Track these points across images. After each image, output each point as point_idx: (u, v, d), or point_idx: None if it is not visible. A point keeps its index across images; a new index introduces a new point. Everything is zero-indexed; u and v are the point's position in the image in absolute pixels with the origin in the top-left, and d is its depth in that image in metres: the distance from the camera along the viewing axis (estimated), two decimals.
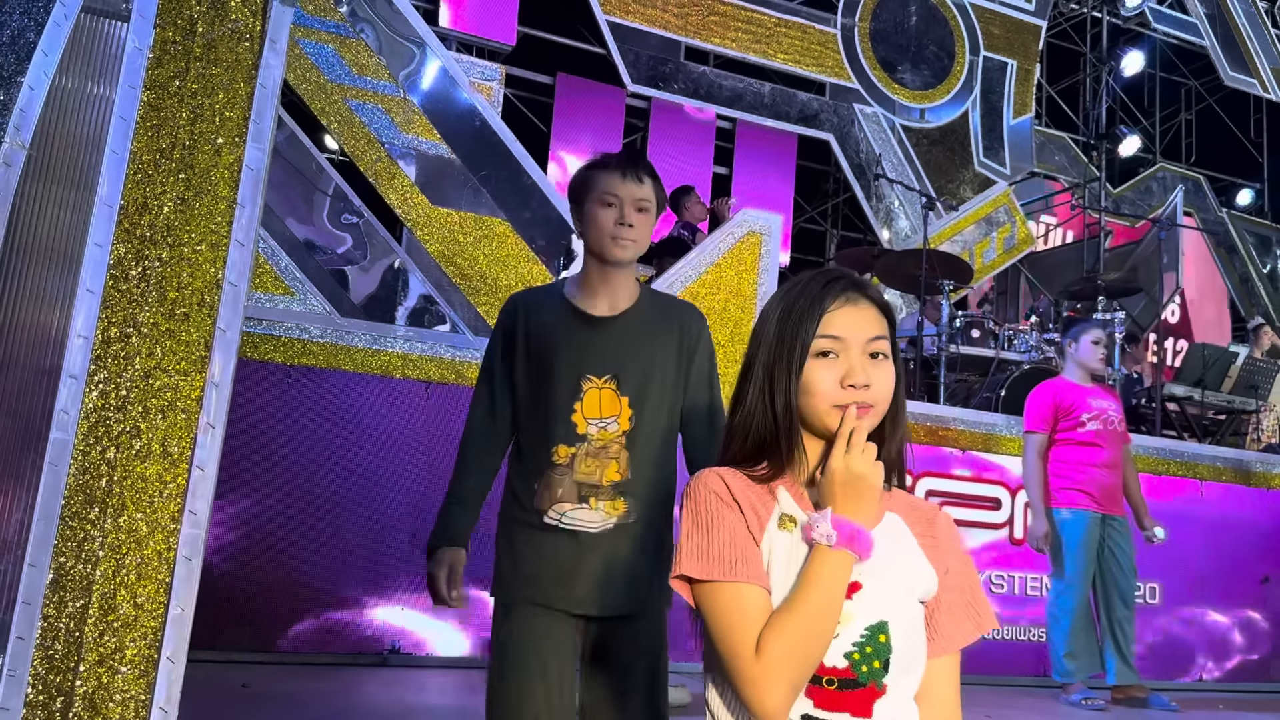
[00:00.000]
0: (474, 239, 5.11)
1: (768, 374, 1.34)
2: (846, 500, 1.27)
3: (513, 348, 2.21)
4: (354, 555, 4.26)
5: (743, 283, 5.24)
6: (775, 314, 1.36)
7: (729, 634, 1.23)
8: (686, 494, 1.34)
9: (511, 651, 2.06)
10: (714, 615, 1.26)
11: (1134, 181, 12.52)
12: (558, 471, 2.12)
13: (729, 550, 1.26)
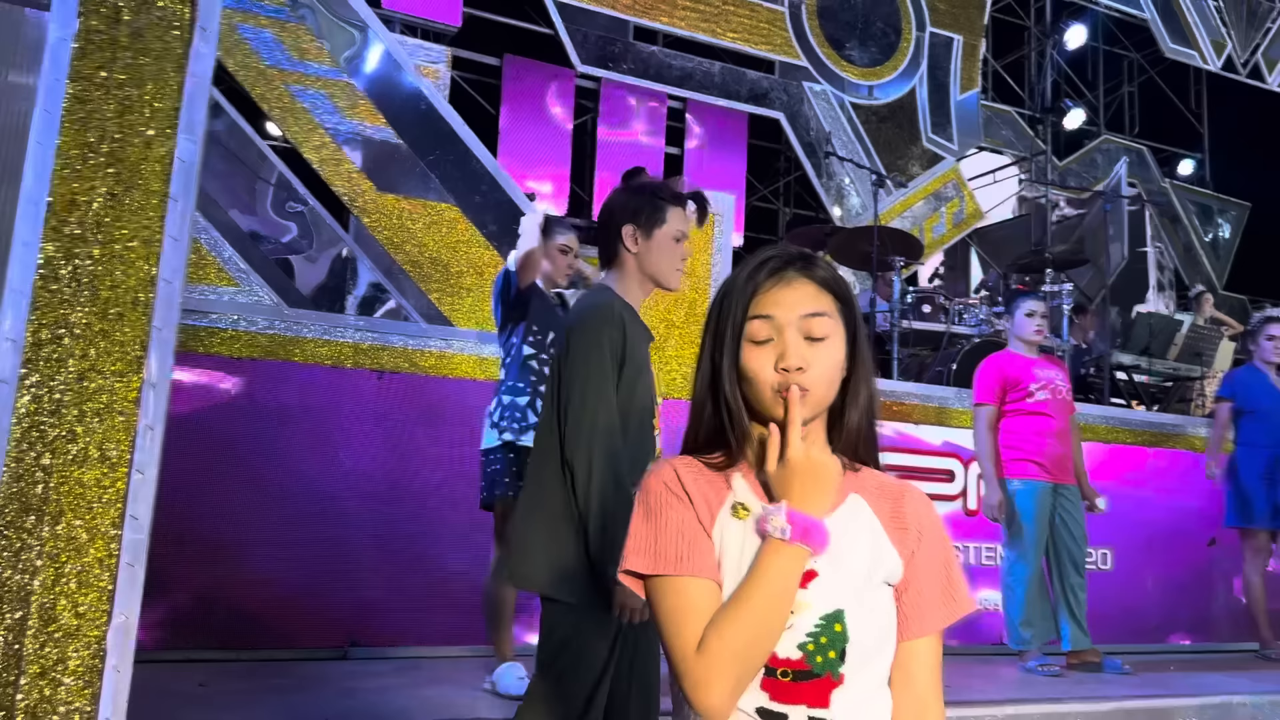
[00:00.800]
0: (423, 225, 5.03)
1: (710, 362, 1.32)
2: (801, 491, 1.23)
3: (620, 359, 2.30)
4: (310, 548, 4.20)
5: (696, 264, 5.22)
6: (715, 301, 1.34)
7: (672, 630, 1.21)
8: (640, 485, 1.31)
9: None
10: (660, 610, 1.24)
11: (1079, 154, 12.67)
12: None
13: (675, 544, 1.24)
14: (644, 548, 1.25)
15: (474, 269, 5.09)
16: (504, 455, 3.62)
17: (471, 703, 3.51)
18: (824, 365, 1.28)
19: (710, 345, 1.32)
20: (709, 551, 1.25)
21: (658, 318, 5.12)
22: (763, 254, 1.33)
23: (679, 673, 1.19)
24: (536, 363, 3.71)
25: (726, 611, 1.19)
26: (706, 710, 1.17)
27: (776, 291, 1.29)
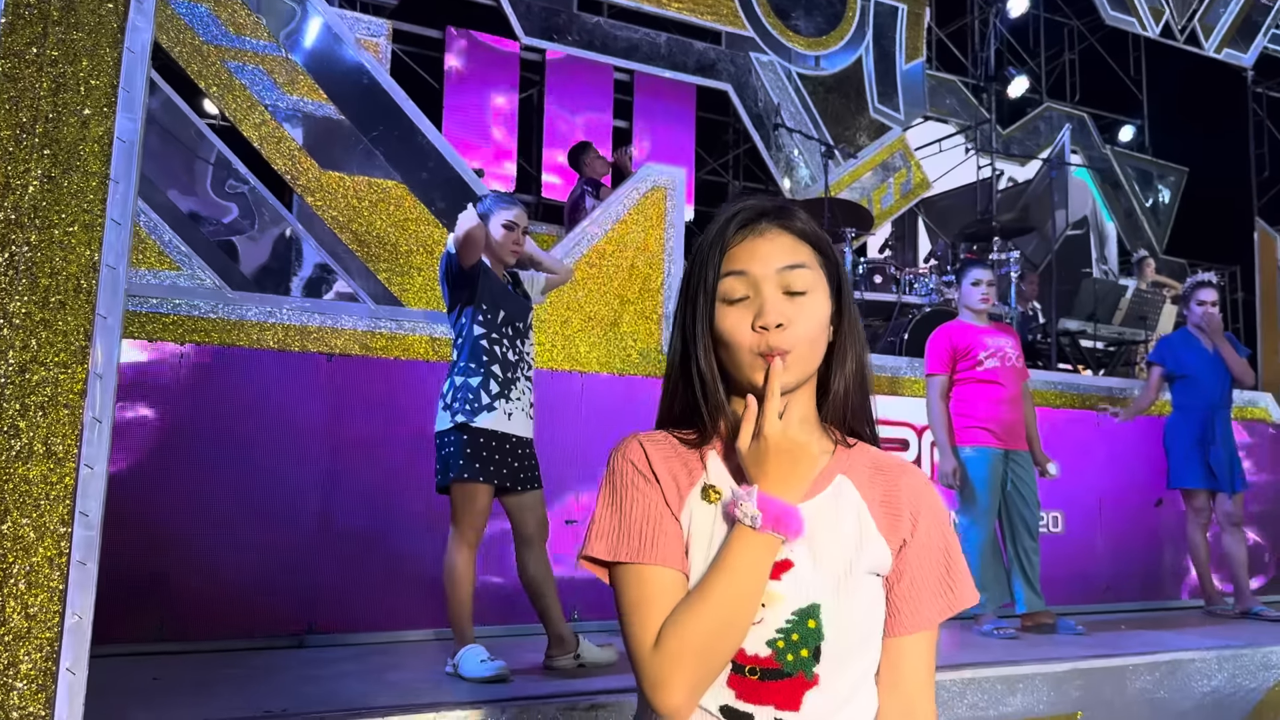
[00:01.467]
0: (369, 203, 4.93)
1: (682, 328, 1.21)
2: (776, 473, 1.12)
3: None
4: (261, 535, 4.12)
5: (649, 238, 5.19)
6: (689, 261, 1.23)
7: (631, 622, 1.12)
8: (607, 463, 1.22)
9: None
10: (620, 600, 1.15)
11: (1022, 122, 12.79)
12: None
13: (639, 529, 1.15)
14: (606, 532, 1.17)
15: (423, 248, 5.00)
16: (458, 437, 3.58)
17: (434, 686, 3.47)
18: (807, 322, 1.17)
19: (682, 310, 1.22)
20: (675, 537, 1.15)
21: (612, 294, 5.08)
22: (733, 205, 1.22)
23: (636, 670, 1.10)
24: (488, 342, 3.65)
25: (688, 604, 1.10)
26: (665, 710, 1.09)
27: (750, 244, 1.18)
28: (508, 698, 3.21)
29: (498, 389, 3.61)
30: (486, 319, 3.66)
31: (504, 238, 3.77)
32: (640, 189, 5.20)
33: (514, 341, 3.72)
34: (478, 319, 3.66)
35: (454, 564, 3.61)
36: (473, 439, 3.55)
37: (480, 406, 3.58)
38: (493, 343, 3.64)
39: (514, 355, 3.70)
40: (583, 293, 5.01)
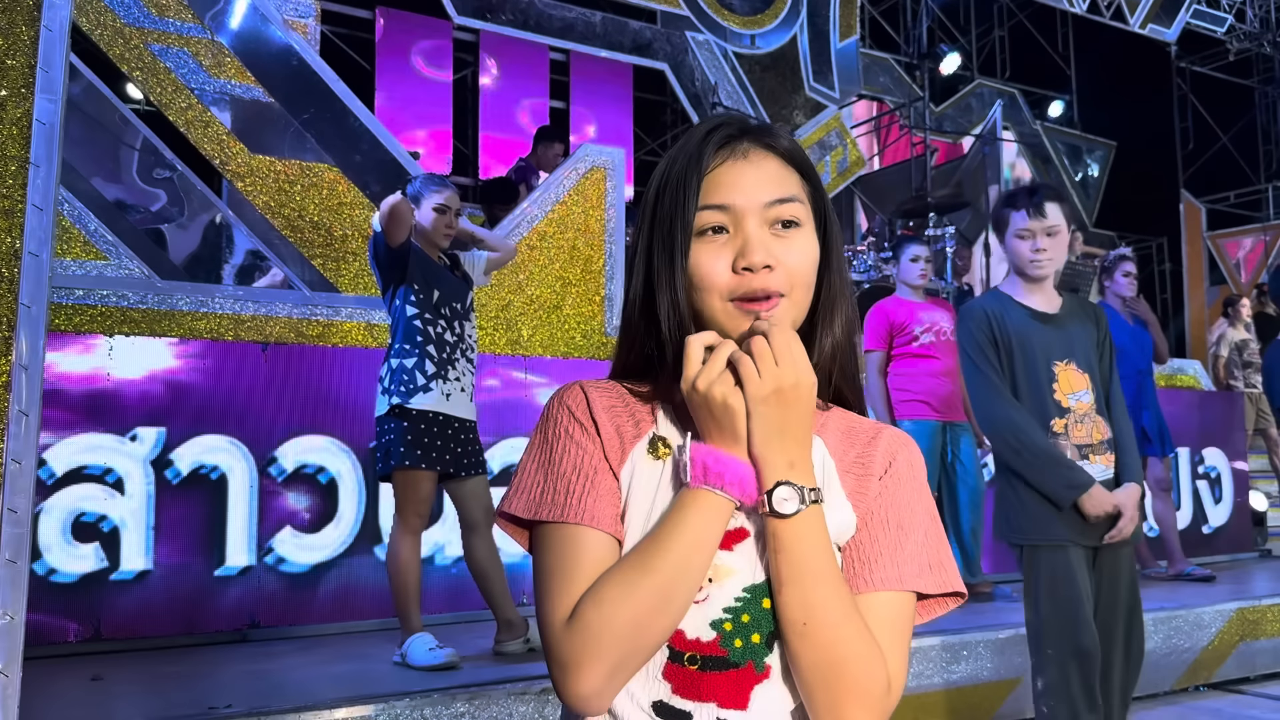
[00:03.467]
0: (301, 187, 4.82)
1: (647, 267, 1.01)
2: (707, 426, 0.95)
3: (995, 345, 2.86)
4: (202, 530, 4.03)
5: (590, 219, 5.16)
6: (652, 186, 1.03)
7: (546, 591, 0.94)
8: (543, 411, 1.03)
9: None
10: (537, 566, 0.97)
11: (954, 99, 12.94)
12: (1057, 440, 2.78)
13: (567, 483, 0.96)
14: (529, 486, 0.98)
15: (358, 232, 4.91)
16: (397, 424, 3.53)
17: (382, 677, 3.43)
18: (799, 261, 0.99)
19: (646, 246, 1.02)
20: (610, 495, 0.96)
21: (553, 276, 5.04)
22: (709, 122, 1.03)
23: (546, 648, 0.92)
24: (421, 323, 3.59)
25: (615, 572, 0.91)
26: (573, 699, 0.91)
27: (733, 170, 0.99)
28: (457, 685, 3.19)
29: (434, 369, 3.56)
30: (419, 299, 3.60)
31: (435, 221, 3.70)
32: (579, 169, 5.16)
33: (451, 322, 3.66)
34: (410, 299, 3.60)
35: (398, 552, 3.56)
36: (412, 424, 3.50)
37: (416, 388, 3.53)
38: (427, 323, 3.58)
39: (452, 336, 3.65)
40: (524, 275, 4.97)
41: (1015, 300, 2.95)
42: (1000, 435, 2.83)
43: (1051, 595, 2.79)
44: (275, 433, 4.19)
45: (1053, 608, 2.79)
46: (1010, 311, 2.92)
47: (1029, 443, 2.79)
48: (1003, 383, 2.86)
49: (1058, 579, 2.79)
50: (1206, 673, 4.80)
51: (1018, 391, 2.86)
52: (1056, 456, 2.78)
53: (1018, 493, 2.84)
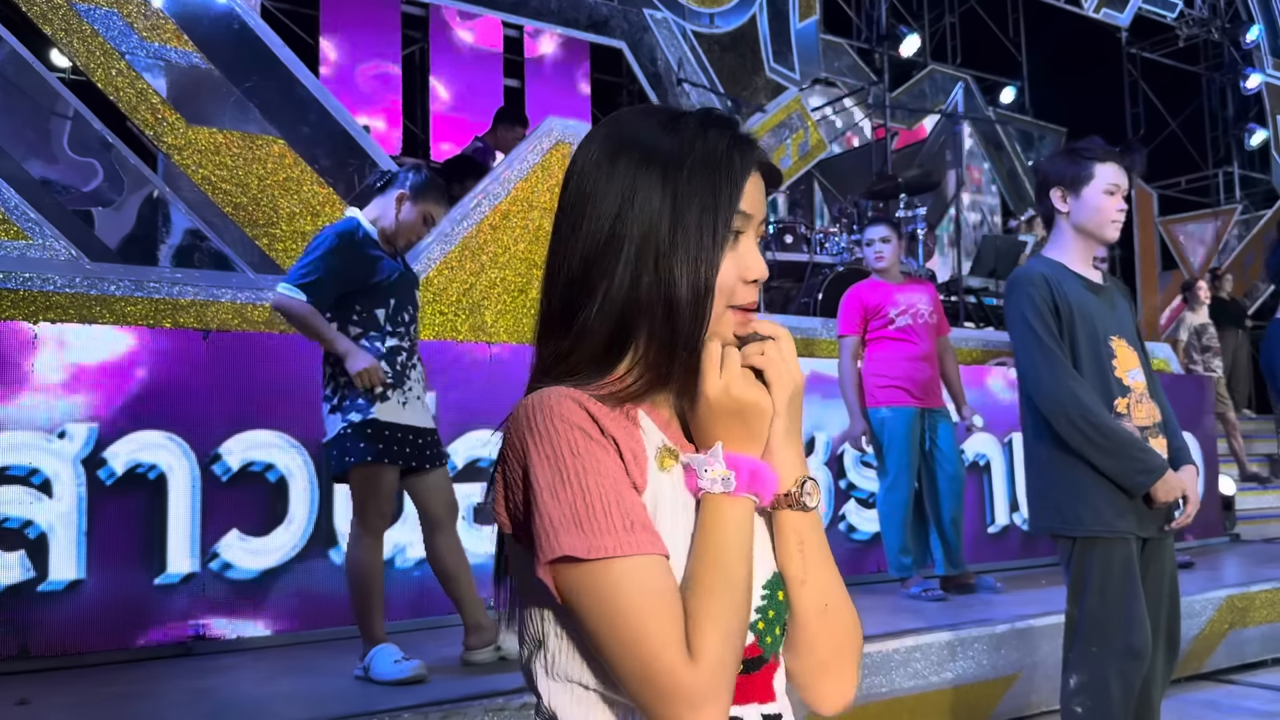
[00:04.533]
0: (244, 161, 4.45)
1: (656, 252, 0.94)
2: (734, 433, 0.95)
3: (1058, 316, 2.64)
4: (139, 535, 3.68)
5: (555, 198, 4.86)
6: (658, 166, 0.95)
7: (640, 632, 0.85)
8: (526, 430, 0.91)
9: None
10: (606, 606, 0.86)
11: (909, 85, 12.84)
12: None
13: (616, 511, 0.88)
14: (570, 521, 0.87)
15: (307, 209, 4.56)
16: (351, 431, 3.26)
17: (344, 693, 3.13)
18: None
19: (656, 229, 0.95)
20: (646, 514, 0.91)
21: (518, 258, 4.74)
22: (728, 122, 1.00)
23: (659, 691, 0.85)
24: (368, 341, 3.34)
25: (711, 595, 0.88)
26: None
27: (755, 181, 0.99)
28: (428, 701, 2.92)
29: (390, 381, 3.31)
30: (362, 317, 3.31)
31: (416, 225, 3.42)
32: (543, 144, 4.86)
33: (408, 328, 3.41)
34: (353, 318, 3.32)
35: (359, 557, 3.27)
36: (376, 429, 3.24)
37: (371, 398, 3.28)
38: (378, 340, 3.33)
39: (407, 342, 3.40)
40: (486, 256, 4.66)
41: (1069, 269, 2.72)
42: (1067, 416, 2.57)
43: (1104, 590, 2.57)
44: (219, 427, 3.84)
45: (1103, 603, 2.57)
46: (1066, 279, 2.69)
47: (1101, 425, 2.55)
48: (1067, 357, 2.62)
49: (1114, 573, 2.57)
50: (1197, 663, 4.67)
51: (1079, 367, 2.63)
52: (1133, 440, 2.56)
53: (1077, 479, 2.60)
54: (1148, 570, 2.67)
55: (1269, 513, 7.98)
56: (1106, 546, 2.59)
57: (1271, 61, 14.21)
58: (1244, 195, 15.01)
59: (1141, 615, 2.56)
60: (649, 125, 0.99)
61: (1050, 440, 2.67)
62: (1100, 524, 2.59)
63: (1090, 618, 2.59)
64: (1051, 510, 2.70)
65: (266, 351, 3.97)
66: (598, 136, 1.01)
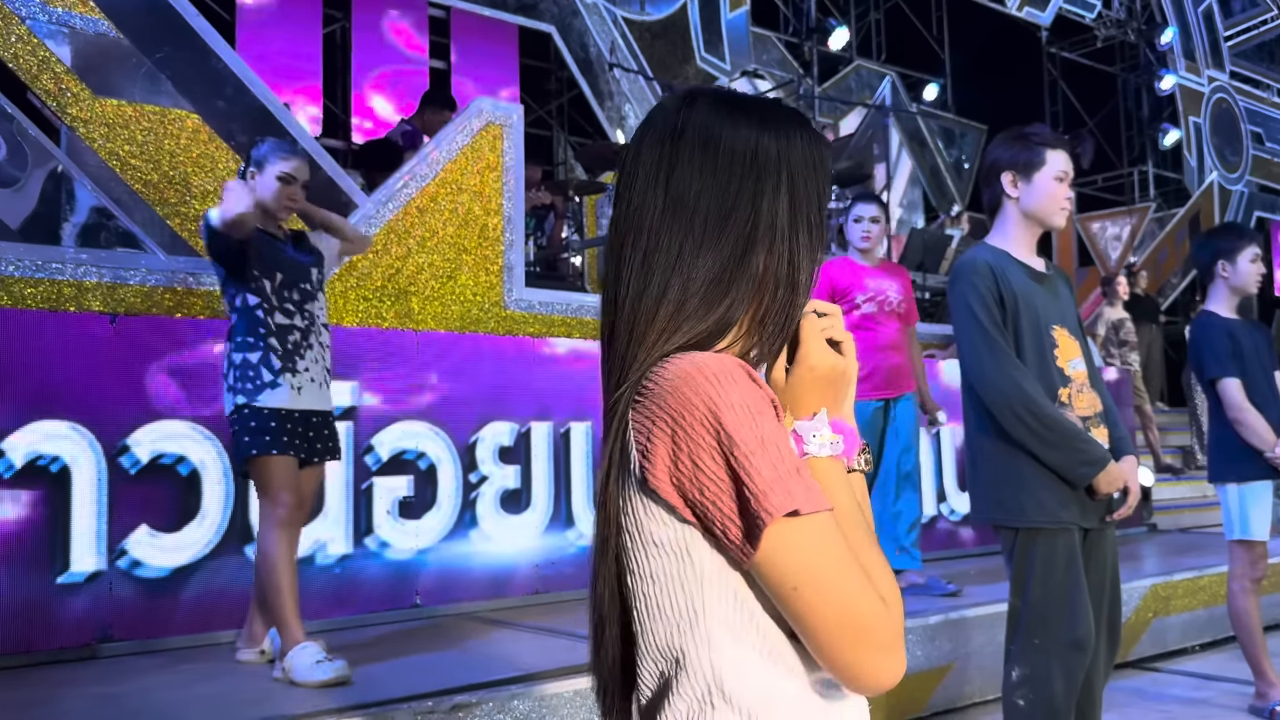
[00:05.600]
0: (155, 136, 4.21)
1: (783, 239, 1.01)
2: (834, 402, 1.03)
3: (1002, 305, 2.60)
4: (41, 532, 3.45)
5: (485, 182, 4.71)
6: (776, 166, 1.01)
7: (842, 581, 0.89)
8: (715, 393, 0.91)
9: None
10: (815, 559, 0.89)
11: (835, 79, 12.88)
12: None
13: (804, 469, 0.92)
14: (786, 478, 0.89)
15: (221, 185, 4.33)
16: (242, 420, 3.17)
17: (262, 696, 2.96)
18: None
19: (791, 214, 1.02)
20: None
21: (446, 242, 4.58)
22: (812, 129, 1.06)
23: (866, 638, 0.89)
24: (263, 313, 3.23)
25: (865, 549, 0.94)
26: (894, 681, 0.91)
27: None
28: (353, 704, 2.77)
29: (280, 364, 3.21)
30: (259, 286, 3.23)
31: (278, 192, 3.31)
32: (473, 125, 4.70)
33: (301, 306, 3.30)
34: (250, 287, 3.23)
35: (269, 551, 3.13)
36: (258, 419, 3.16)
37: (263, 384, 3.19)
38: (268, 312, 3.23)
39: (302, 320, 3.30)
40: (413, 241, 4.49)
41: (1012, 256, 2.69)
42: (1010, 407, 2.54)
43: (1047, 582, 2.54)
44: (126, 417, 3.62)
45: (1046, 595, 2.54)
46: (1010, 268, 2.66)
47: (1044, 415, 2.52)
48: (1010, 347, 2.59)
49: (1057, 565, 2.55)
50: (1123, 651, 4.72)
51: (1023, 357, 2.60)
52: (1076, 431, 2.54)
53: (1020, 470, 2.58)
54: (1090, 561, 2.66)
55: (1183, 503, 8.19)
56: (1050, 538, 2.56)
57: (1184, 64, 14.63)
58: (1158, 193, 15.43)
59: (1085, 607, 2.54)
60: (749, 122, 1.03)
61: (993, 431, 2.63)
62: (1043, 515, 2.56)
63: (1033, 609, 2.56)
64: (994, 501, 2.67)
65: (178, 337, 3.76)
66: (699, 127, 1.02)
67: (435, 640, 3.72)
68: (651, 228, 1.00)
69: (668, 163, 1.01)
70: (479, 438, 4.34)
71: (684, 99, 1.05)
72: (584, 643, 1.02)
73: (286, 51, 8.95)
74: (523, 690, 2.95)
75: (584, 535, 4.59)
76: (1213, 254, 3.96)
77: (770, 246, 1.01)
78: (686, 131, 1.01)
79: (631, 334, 0.99)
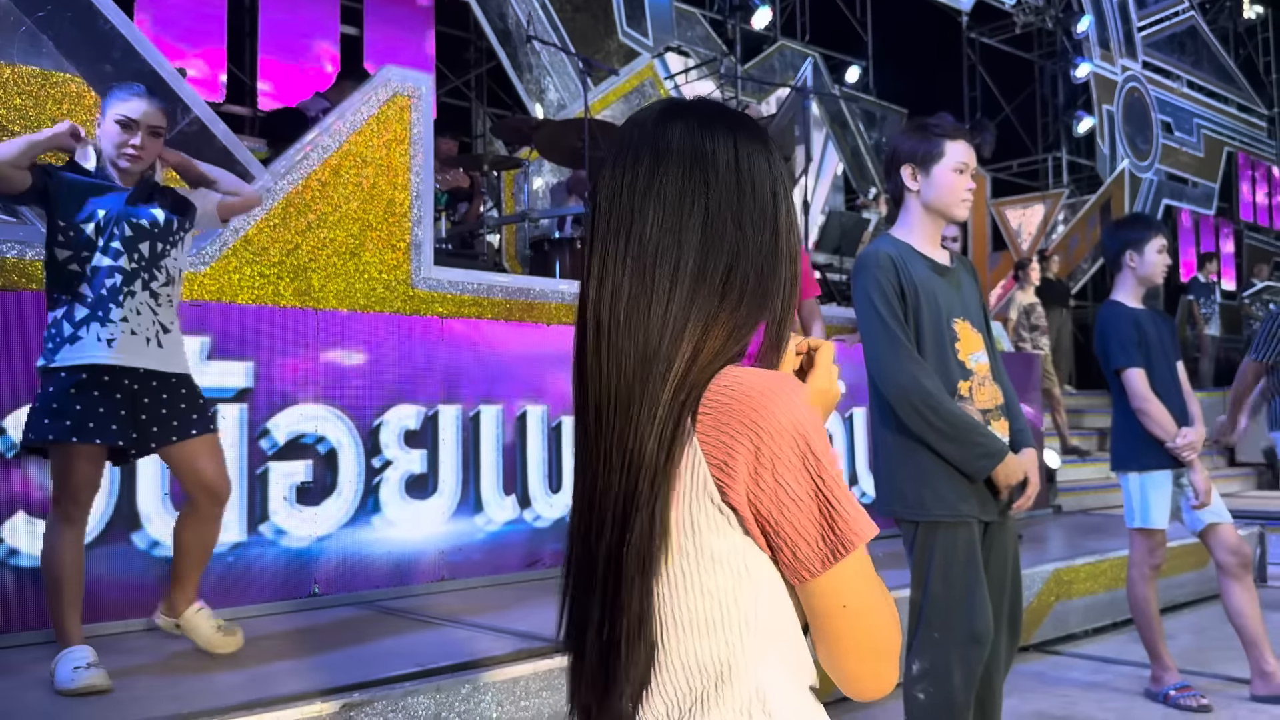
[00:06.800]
0: (35, 101, 3.95)
1: (784, 239, 1.05)
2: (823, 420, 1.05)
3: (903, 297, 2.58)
4: None
5: (392, 155, 4.54)
6: (772, 174, 1.04)
7: (881, 604, 0.98)
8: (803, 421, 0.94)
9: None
10: (868, 583, 0.97)
11: (759, 59, 12.85)
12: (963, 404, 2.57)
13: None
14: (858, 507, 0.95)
15: None
16: (44, 389, 2.90)
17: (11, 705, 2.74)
18: None
19: (787, 222, 1.05)
20: None
21: (349, 218, 4.41)
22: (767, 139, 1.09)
23: (882, 652, 0.98)
24: (75, 263, 2.93)
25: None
26: (887, 689, 1.01)
27: None
28: (237, 704, 2.61)
29: (86, 313, 2.90)
30: (69, 236, 2.93)
31: (116, 138, 3.02)
32: (379, 95, 4.52)
33: (131, 248, 2.97)
34: (57, 238, 2.94)
35: (52, 546, 2.90)
36: (59, 387, 2.86)
37: (62, 339, 2.89)
38: (82, 260, 2.93)
39: (128, 263, 2.96)
40: (314, 215, 4.31)
41: (914, 249, 2.67)
42: (908, 401, 2.54)
43: (947, 575, 2.53)
44: (6, 397, 3.40)
45: (946, 588, 2.53)
46: (912, 260, 2.64)
47: (942, 410, 2.51)
48: (911, 341, 2.57)
49: (957, 558, 2.53)
50: (1025, 635, 4.79)
51: (922, 350, 2.59)
52: (974, 425, 2.53)
53: (920, 463, 2.57)
54: (990, 554, 2.65)
55: (1088, 485, 8.38)
56: (949, 531, 2.55)
57: (1100, 52, 14.92)
58: (1070, 180, 15.76)
59: (984, 600, 2.54)
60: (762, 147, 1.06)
61: (894, 424, 2.62)
62: (943, 508, 2.56)
63: (933, 603, 2.55)
64: (895, 494, 2.66)
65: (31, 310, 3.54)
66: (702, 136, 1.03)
67: (332, 633, 3.59)
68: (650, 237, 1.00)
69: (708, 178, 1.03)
70: (383, 421, 4.20)
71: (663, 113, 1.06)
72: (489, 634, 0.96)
73: (191, 12, 8.57)
74: (418, 686, 2.85)
75: (492, 520, 4.49)
76: (1120, 244, 4.00)
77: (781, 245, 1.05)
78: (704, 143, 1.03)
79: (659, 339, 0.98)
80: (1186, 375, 4.04)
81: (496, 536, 4.51)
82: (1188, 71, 16.93)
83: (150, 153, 3.06)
